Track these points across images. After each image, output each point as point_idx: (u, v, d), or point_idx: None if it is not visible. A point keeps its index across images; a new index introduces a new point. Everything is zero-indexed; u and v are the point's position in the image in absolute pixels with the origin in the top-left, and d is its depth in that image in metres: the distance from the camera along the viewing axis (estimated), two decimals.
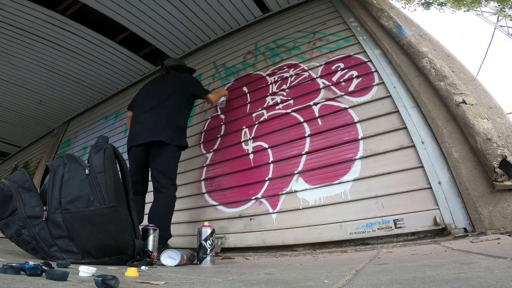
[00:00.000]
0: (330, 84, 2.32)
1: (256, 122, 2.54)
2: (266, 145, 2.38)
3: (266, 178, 2.25)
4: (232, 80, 2.98)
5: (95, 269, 0.79)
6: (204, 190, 2.57)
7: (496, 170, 1.45)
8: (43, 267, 0.72)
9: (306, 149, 2.17)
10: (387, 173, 1.81)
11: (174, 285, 0.72)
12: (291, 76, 2.58)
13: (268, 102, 2.56)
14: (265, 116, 2.53)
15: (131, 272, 0.86)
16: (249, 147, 2.47)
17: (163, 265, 1.32)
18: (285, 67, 2.66)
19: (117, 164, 1.37)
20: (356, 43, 2.40)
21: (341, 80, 2.29)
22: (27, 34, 3.22)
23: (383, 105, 2.02)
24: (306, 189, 2.04)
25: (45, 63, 3.70)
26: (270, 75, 2.72)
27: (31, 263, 0.73)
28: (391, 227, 1.67)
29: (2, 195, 1.21)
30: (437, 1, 7.60)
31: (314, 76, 2.44)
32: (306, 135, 2.22)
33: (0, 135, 5.69)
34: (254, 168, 2.36)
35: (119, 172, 1.38)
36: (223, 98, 2.75)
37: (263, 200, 2.20)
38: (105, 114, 4.37)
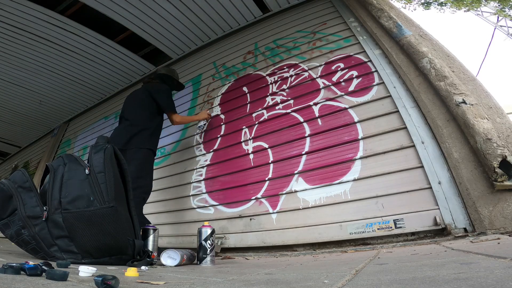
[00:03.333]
0: (330, 84, 2.32)
1: (256, 122, 2.54)
2: (266, 145, 2.38)
3: (266, 178, 2.25)
4: (232, 80, 2.98)
5: (95, 269, 0.79)
6: (204, 190, 2.57)
7: (496, 170, 1.45)
8: (43, 267, 0.72)
9: (306, 149, 2.17)
10: (387, 173, 1.81)
11: (174, 285, 0.72)
12: (291, 76, 2.58)
13: (268, 102, 2.56)
14: (265, 116, 2.53)
15: (131, 272, 0.86)
16: (249, 147, 2.47)
17: (163, 265, 1.32)
18: (285, 67, 2.66)
19: (117, 164, 1.37)
20: (356, 43, 2.40)
21: (341, 80, 2.29)
22: (27, 34, 3.22)
23: (383, 105, 2.02)
24: (306, 189, 2.04)
25: (45, 63, 3.70)
26: (270, 75, 2.72)
27: (31, 263, 0.73)
28: (391, 227, 1.67)
29: (2, 195, 1.21)
30: (437, 1, 7.59)
31: (314, 76, 2.44)
32: (306, 135, 2.22)
33: (0, 135, 5.69)
34: (254, 168, 2.36)
35: (119, 172, 1.38)
36: (202, 122, 2.70)
37: (263, 200, 2.20)
38: (105, 114, 4.37)
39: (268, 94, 2.62)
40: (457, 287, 0.47)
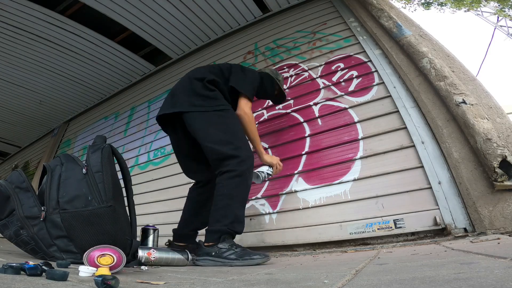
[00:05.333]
0: (330, 84, 2.32)
1: (256, 122, 2.54)
2: (266, 145, 2.38)
3: None
4: None
5: (95, 269, 0.79)
6: None
7: (496, 170, 1.45)
8: (43, 267, 0.72)
9: (306, 149, 2.17)
10: (387, 173, 1.81)
11: (174, 285, 0.72)
12: (291, 76, 2.58)
13: (268, 102, 2.55)
14: (265, 116, 2.53)
15: (103, 271, 0.80)
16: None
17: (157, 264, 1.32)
18: (285, 67, 2.66)
19: (117, 164, 1.37)
20: (356, 43, 2.40)
21: (341, 80, 2.29)
22: (27, 34, 3.22)
23: (383, 105, 2.02)
24: (306, 189, 2.04)
25: (45, 63, 3.71)
26: None
27: (31, 263, 0.73)
28: (391, 227, 1.67)
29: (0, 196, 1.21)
30: (437, 1, 7.60)
31: (314, 76, 2.44)
32: (306, 135, 2.22)
33: (0, 135, 5.69)
34: (254, 168, 2.35)
35: (119, 171, 1.38)
36: (265, 169, 1.77)
37: (263, 200, 2.20)
38: (105, 114, 4.37)
39: None
40: (457, 287, 0.47)
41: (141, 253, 1.25)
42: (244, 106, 1.63)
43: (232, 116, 1.56)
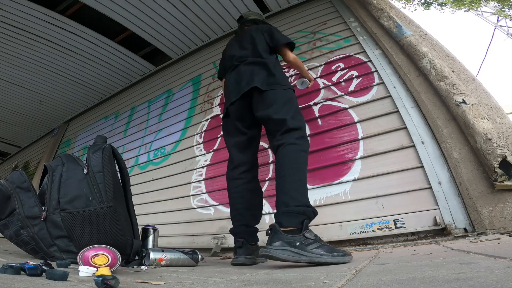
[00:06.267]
0: (330, 84, 2.32)
1: None
2: (266, 145, 2.38)
3: (266, 178, 2.25)
4: None
5: (95, 269, 0.79)
6: (204, 190, 2.57)
7: (496, 170, 1.45)
8: (43, 267, 0.72)
9: None
10: (387, 173, 1.81)
11: (174, 285, 0.72)
12: (291, 76, 2.58)
13: None
14: None
15: (103, 271, 0.82)
16: None
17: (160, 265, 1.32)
18: (285, 67, 2.66)
19: (116, 164, 1.37)
20: (356, 43, 2.40)
21: (341, 80, 2.29)
22: (27, 34, 3.22)
23: (383, 105, 2.02)
24: None
25: (45, 63, 3.71)
26: None
27: (31, 263, 0.73)
28: (391, 227, 1.67)
29: (0, 196, 1.21)
30: (437, 1, 7.60)
31: (314, 76, 2.44)
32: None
33: (0, 135, 5.69)
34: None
35: (118, 172, 1.38)
36: (305, 80, 1.95)
37: (263, 200, 2.19)
38: (105, 114, 4.38)
39: None
40: (457, 287, 0.47)
41: (153, 255, 1.26)
42: (289, 54, 1.73)
43: (291, 95, 1.53)
